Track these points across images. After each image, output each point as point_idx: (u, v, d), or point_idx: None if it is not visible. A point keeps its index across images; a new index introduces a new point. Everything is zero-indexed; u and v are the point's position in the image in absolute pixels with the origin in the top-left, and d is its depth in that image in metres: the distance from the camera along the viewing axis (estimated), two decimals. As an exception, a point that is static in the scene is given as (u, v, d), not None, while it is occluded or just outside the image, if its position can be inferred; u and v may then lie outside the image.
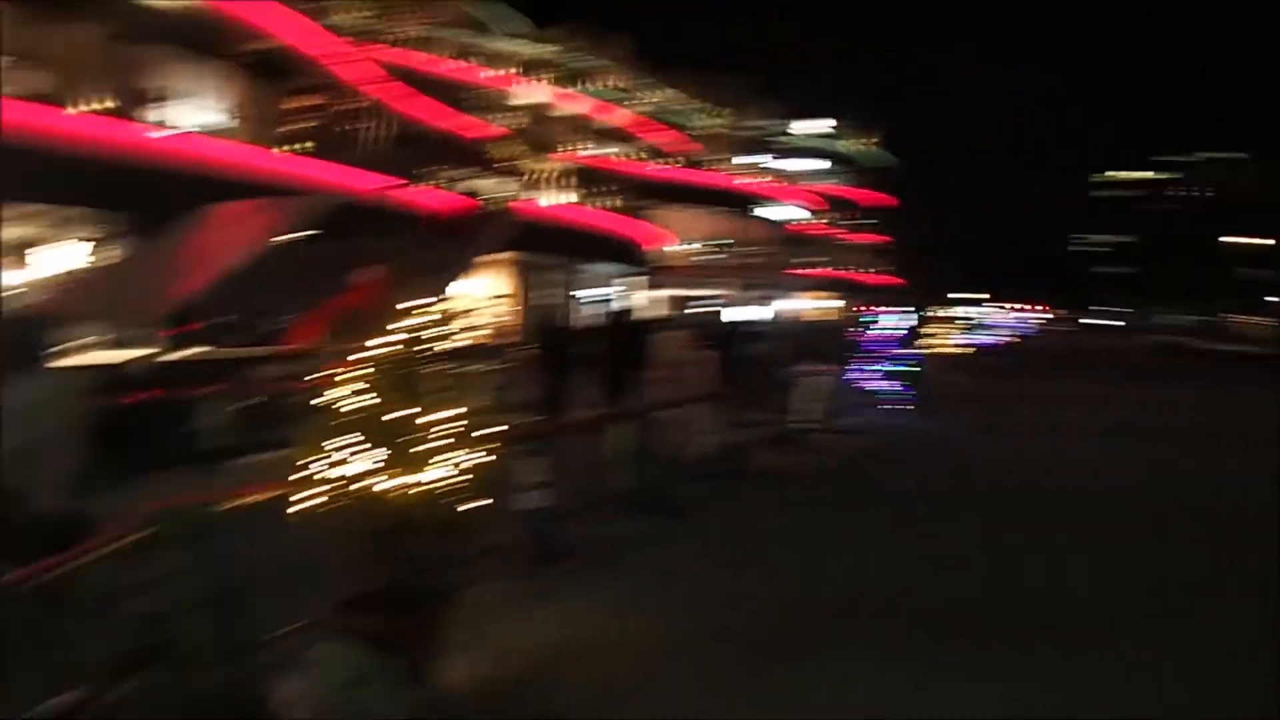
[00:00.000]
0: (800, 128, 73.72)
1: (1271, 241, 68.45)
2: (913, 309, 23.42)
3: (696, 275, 57.12)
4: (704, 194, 54.47)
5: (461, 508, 3.89)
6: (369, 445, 3.73)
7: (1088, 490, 9.28)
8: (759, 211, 58.86)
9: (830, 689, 4.26)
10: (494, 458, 4.01)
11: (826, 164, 77.08)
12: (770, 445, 11.44)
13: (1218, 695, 4.17)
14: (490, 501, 3.99)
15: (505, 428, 4.15)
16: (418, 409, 3.83)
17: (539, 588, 5.73)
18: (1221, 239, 73.87)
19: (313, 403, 3.81)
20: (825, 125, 76.77)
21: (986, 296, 69.98)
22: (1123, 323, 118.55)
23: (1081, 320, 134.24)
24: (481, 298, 34.23)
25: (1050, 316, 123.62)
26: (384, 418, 3.75)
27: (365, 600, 3.77)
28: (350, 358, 3.83)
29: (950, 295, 53.39)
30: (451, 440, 3.87)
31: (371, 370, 3.82)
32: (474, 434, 3.95)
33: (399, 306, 3.92)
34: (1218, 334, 67.08)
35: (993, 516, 8.00)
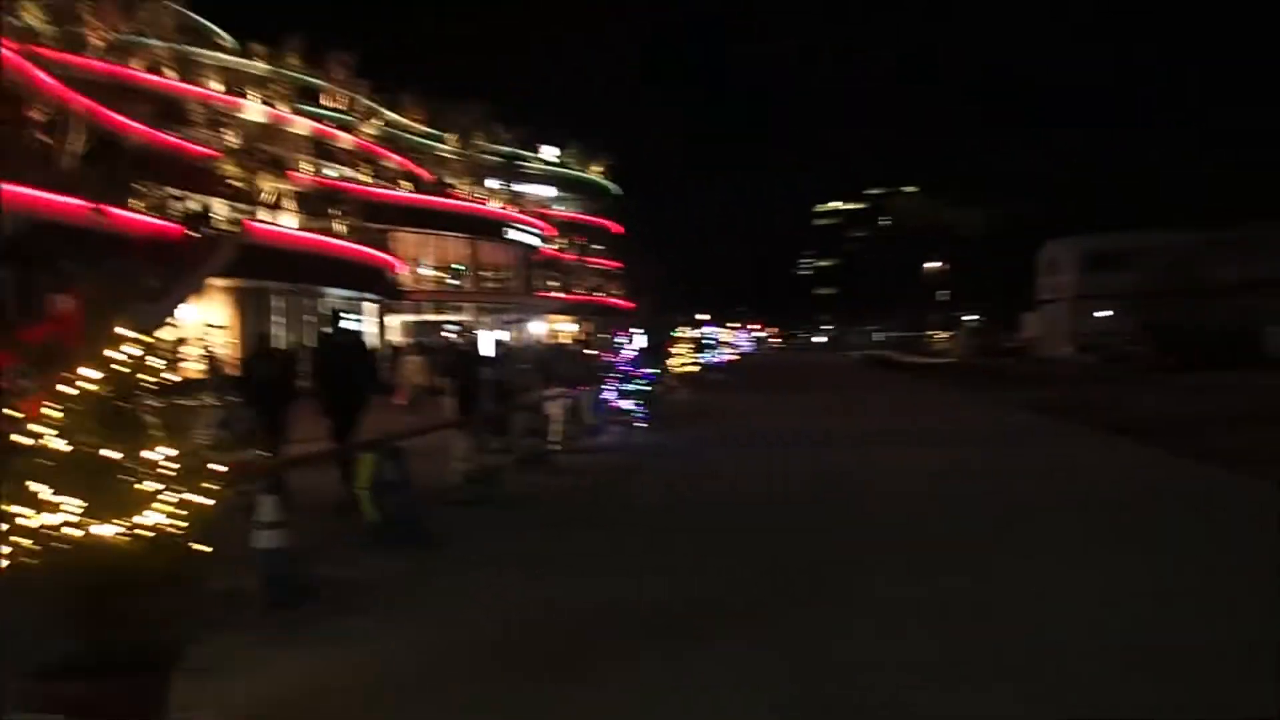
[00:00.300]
0: (535, 155, 74.74)
1: (946, 264, 77.95)
2: (646, 331, 24.35)
3: (435, 300, 56.16)
4: (439, 218, 53.69)
5: (183, 554, 3.56)
6: (73, 489, 3.33)
7: (797, 494, 10.07)
8: (496, 236, 58.86)
9: (573, 709, 4.28)
10: (217, 499, 3.71)
11: (563, 191, 78.55)
12: (518, 468, 11.46)
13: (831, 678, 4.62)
14: (212, 548, 3.68)
15: (229, 466, 3.84)
16: (129, 448, 3.47)
17: (275, 635, 5.35)
18: (914, 263, 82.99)
19: (4, 443, 3.35)
20: (557, 153, 78.29)
21: (709, 318, 74.11)
22: (832, 339, 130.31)
23: (803, 337, 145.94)
24: (202, 326, 31.63)
25: (772, 335, 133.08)
26: (90, 458, 3.37)
27: (66, 666, 3.35)
28: (50, 392, 3.41)
29: (681, 317, 55.98)
30: (168, 481, 3.54)
31: (75, 406, 3.42)
32: (193, 473, 3.64)
33: (106, 336, 3.54)
34: (916, 348, 75.45)
35: (718, 525, 8.51)
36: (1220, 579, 6.15)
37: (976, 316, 75.30)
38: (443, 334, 53.07)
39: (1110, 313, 50.43)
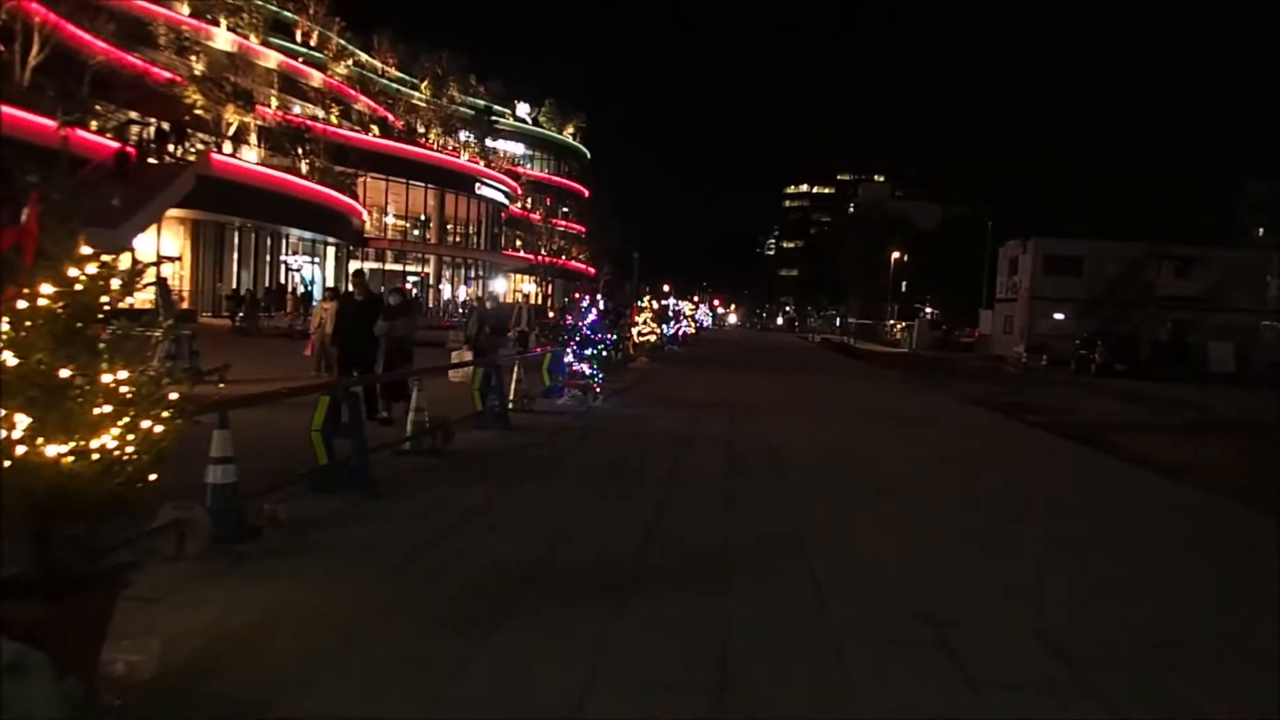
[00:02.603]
0: (509, 111, 73.78)
1: (906, 256, 78.73)
2: (608, 298, 24.36)
3: (400, 250, 55.48)
4: (408, 167, 52.90)
5: (132, 481, 3.56)
6: (24, 407, 3.30)
7: (741, 457, 10.25)
8: (465, 190, 58.18)
9: (508, 654, 4.37)
10: (168, 428, 3.69)
11: (535, 150, 77.75)
12: (471, 422, 11.48)
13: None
14: (157, 477, 3.67)
15: (180, 396, 3.81)
16: (83, 369, 3.44)
17: (218, 569, 5.37)
18: (876, 252, 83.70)
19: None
20: (531, 111, 77.37)
21: (671, 289, 74.16)
22: (791, 320, 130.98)
23: (757, 317, 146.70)
24: (159, 255, 30.95)
25: (730, 312, 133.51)
26: (43, 376, 3.34)
27: (15, 585, 3.34)
28: (4, 306, 3.36)
29: (644, 287, 55.94)
30: (119, 407, 3.51)
31: (30, 321, 3.38)
32: (148, 400, 3.62)
33: (65, 254, 3.50)
34: (874, 336, 76.30)
35: (665, 483, 8.69)
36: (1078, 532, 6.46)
37: (934, 310, 76.29)
38: (410, 284, 52.55)
39: (1063, 315, 51.41)
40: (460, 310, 42.03)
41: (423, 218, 56.68)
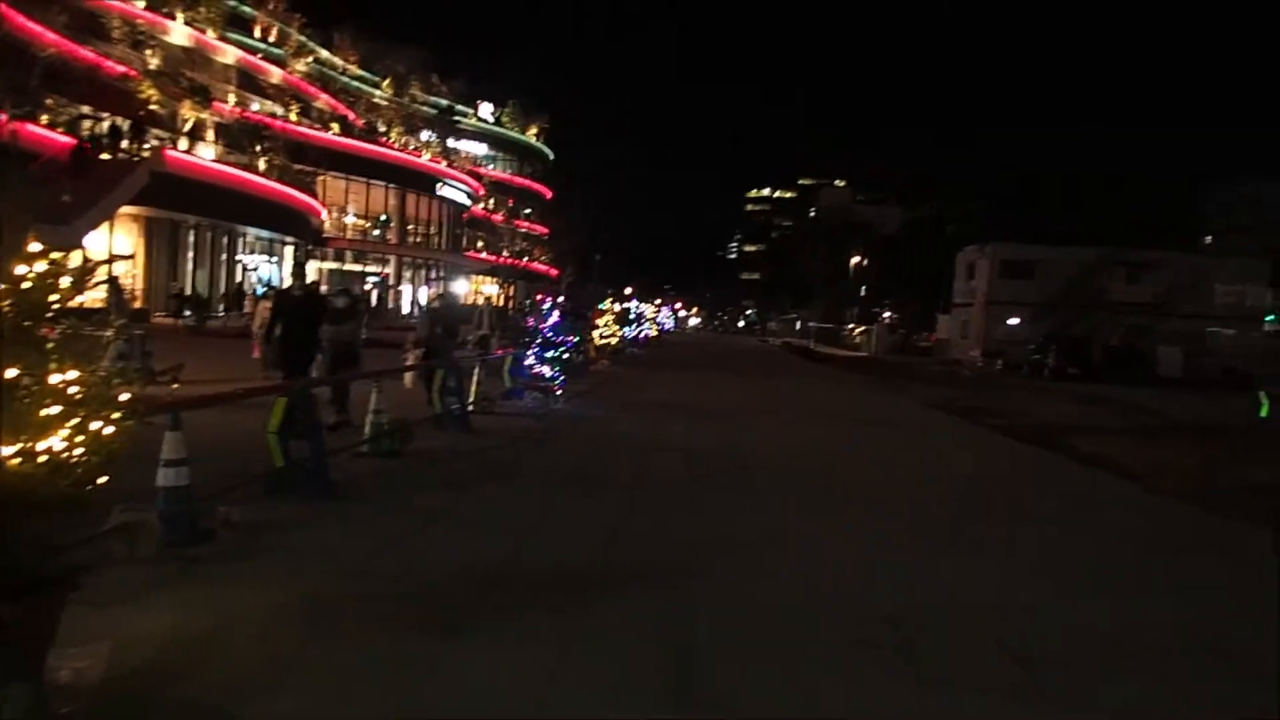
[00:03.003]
0: (472, 111, 73.36)
1: (866, 260, 79.62)
2: (570, 299, 24.28)
3: (359, 250, 54.88)
4: (368, 165, 52.32)
5: (82, 482, 3.46)
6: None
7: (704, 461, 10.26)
8: (426, 190, 57.69)
9: (461, 660, 4.32)
10: (119, 429, 3.60)
11: (498, 150, 77.36)
12: (431, 425, 11.37)
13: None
14: (107, 479, 3.58)
15: (131, 396, 3.72)
16: (28, 369, 3.34)
17: (168, 573, 5.24)
18: (837, 256, 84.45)
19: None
20: (494, 111, 76.97)
21: (634, 291, 74.16)
22: (754, 324, 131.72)
23: (720, 320, 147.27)
24: (110, 253, 30.29)
25: (692, 314, 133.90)
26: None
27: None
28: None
29: (606, 289, 55.88)
30: (68, 407, 3.42)
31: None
32: (98, 401, 3.52)
33: (13, 251, 3.39)
34: (834, 339, 76.93)
35: (629, 486, 8.69)
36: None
37: (893, 314, 77.09)
38: (369, 285, 51.90)
39: (1019, 320, 52.22)
40: (415, 311, 41.62)
41: (383, 217, 56.09)
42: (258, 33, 48.56)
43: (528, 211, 76.80)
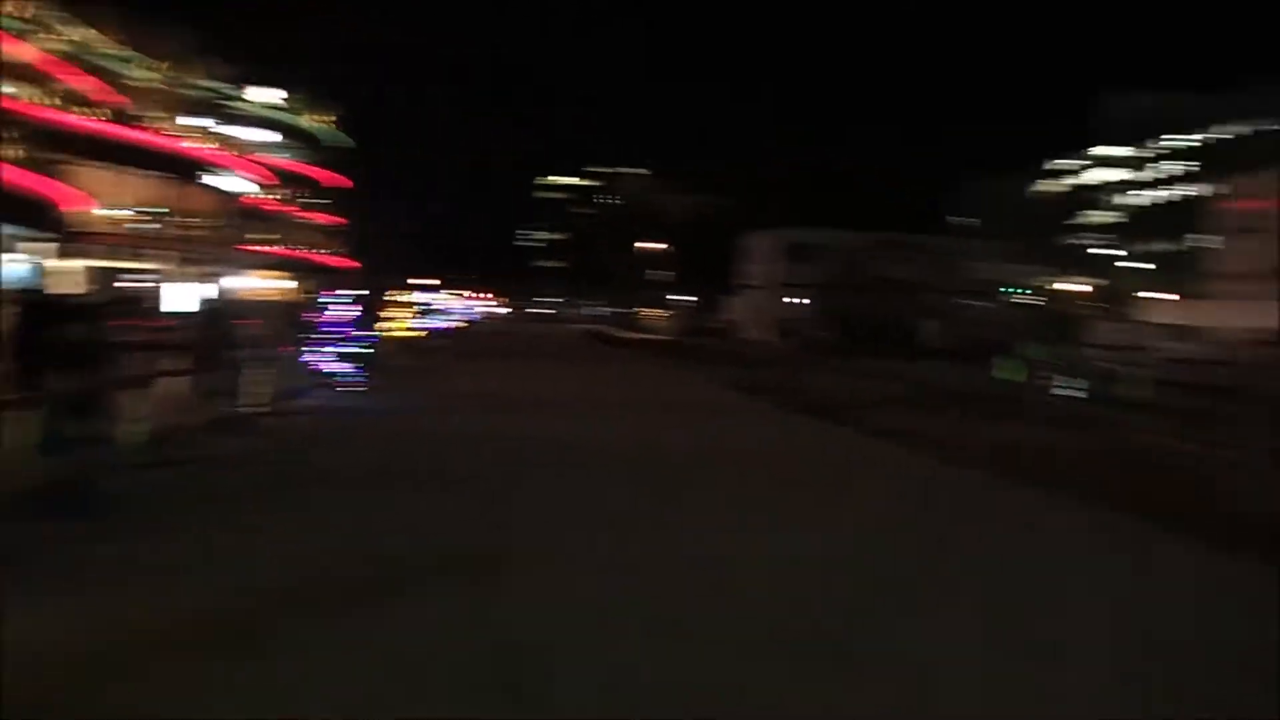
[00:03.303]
0: (252, 95, 69.26)
1: (665, 246, 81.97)
2: (367, 292, 23.64)
3: (125, 245, 50.73)
4: (136, 154, 48.31)
5: None
6: None
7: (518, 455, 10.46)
8: (203, 180, 54.00)
9: (275, 669, 4.30)
10: None
11: (279, 137, 73.46)
12: (215, 430, 10.86)
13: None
14: None
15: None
16: None
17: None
18: (637, 243, 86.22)
19: None
20: (278, 96, 73.08)
21: (438, 283, 72.79)
22: (557, 311, 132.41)
23: (524, 309, 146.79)
24: None
25: (497, 304, 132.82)
26: None
27: None
28: None
29: (405, 280, 54.56)
30: None
31: None
32: None
33: None
34: (630, 324, 78.58)
35: (427, 484, 8.77)
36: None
37: (686, 297, 79.72)
38: (139, 284, 48.02)
39: (806, 300, 55.44)
40: (191, 309, 38.94)
41: (156, 209, 52.10)
42: (4, 7, 43.78)
43: (321, 201, 73.48)
